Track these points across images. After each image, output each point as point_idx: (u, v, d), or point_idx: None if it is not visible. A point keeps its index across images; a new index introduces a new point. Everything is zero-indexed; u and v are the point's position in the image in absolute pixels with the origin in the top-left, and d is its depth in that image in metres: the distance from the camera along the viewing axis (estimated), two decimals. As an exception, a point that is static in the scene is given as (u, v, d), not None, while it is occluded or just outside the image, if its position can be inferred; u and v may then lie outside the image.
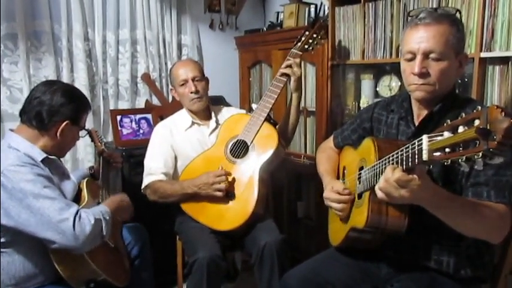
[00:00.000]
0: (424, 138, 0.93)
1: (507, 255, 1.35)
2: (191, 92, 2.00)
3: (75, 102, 1.51)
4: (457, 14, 1.29)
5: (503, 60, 1.61)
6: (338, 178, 1.60)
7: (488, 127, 0.77)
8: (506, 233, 1.17)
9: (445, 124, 0.88)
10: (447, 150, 0.86)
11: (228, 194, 1.83)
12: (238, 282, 2.54)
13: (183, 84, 2.02)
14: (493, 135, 0.76)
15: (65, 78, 2.45)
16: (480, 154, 0.78)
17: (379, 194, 1.11)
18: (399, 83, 2.04)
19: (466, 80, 1.72)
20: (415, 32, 1.23)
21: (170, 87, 2.10)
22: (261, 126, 1.87)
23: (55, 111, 1.46)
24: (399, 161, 1.06)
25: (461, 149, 0.83)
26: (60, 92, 1.48)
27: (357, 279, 1.43)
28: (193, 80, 2.01)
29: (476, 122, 0.79)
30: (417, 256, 1.31)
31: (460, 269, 1.27)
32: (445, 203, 1.10)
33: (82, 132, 1.64)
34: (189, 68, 2.04)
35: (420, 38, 1.21)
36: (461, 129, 0.83)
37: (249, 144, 1.88)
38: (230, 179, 1.83)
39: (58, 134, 1.48)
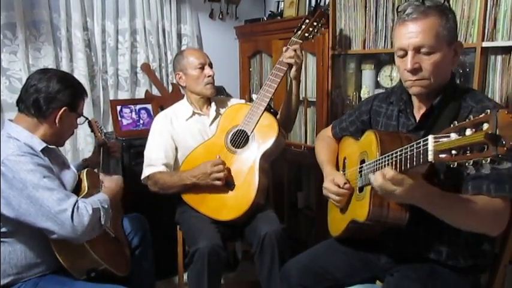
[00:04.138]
0: (430, 138, 0.91)
1: (507, 244, 1.35)
2: (209, 76, 2.02)
3: (71, 88, 1.51)
4: (446, 3, 1.25)
5: (505, 50, 1.59)
6: (338, 169, 1.60)
7: (497, 132, 0.75)
8: (504, 227, 1.18)
9: (452, 125, 0.87)
10: (453, 152, 0.85)
11: (229, 184, 1.83)
12: (238, 272, 2.56)
13: (200, 68, 2.02)
14: (502, 141, 0.74)
15: (64, 68, 2.43)
16: (488, 159, 0.77)
17: (378, 191, 1.13)
18: (400, 73, 2.02)
19: (468, 69, 1.70)
20: (403, 28, 1.22)
21: (176, 72, 2.07)
22: (261, 116, 1.87)
23: (52, 97, 1.46)
24: (403, 159, 1.05)
25: (468, 152, 0.81)
26: (55, 78, 1.48)
27: (357, 268, 1.44)
28: (208, 65, 2.05)
29: (485, 126, 0.77)
30: (417, 247, 1.31)
31: (459, 259, 1.27)
32: (439, 201, 1.11)
33: (80, 120, 1.63)
34: (203, 54, 2.09)
35: (409, 34, 1.20)
36: (468, 131, 0.81)
37: (249, 134, 1.87)
38: (229, 168, 1.83)
39: (57, 121, 1.48)
